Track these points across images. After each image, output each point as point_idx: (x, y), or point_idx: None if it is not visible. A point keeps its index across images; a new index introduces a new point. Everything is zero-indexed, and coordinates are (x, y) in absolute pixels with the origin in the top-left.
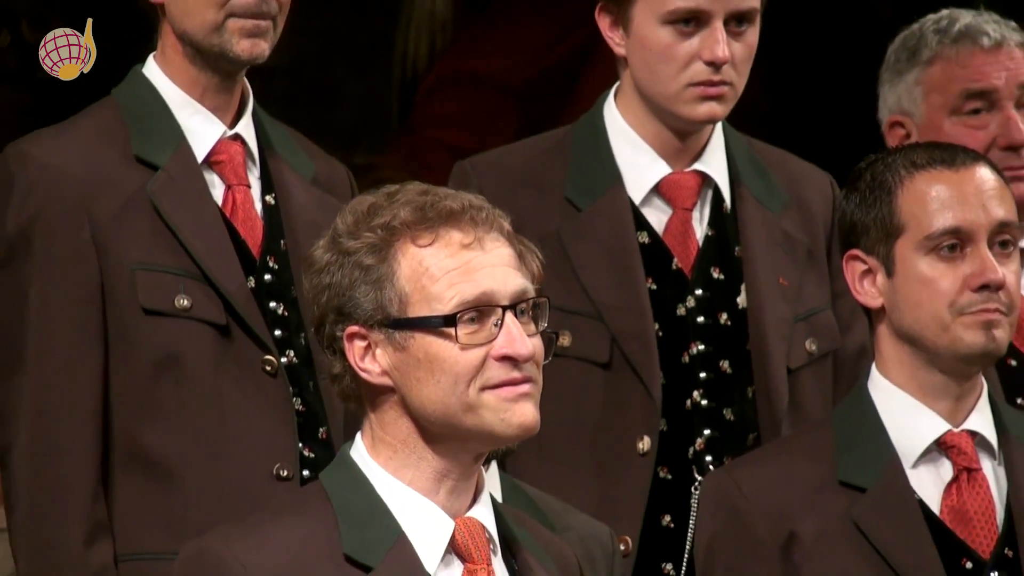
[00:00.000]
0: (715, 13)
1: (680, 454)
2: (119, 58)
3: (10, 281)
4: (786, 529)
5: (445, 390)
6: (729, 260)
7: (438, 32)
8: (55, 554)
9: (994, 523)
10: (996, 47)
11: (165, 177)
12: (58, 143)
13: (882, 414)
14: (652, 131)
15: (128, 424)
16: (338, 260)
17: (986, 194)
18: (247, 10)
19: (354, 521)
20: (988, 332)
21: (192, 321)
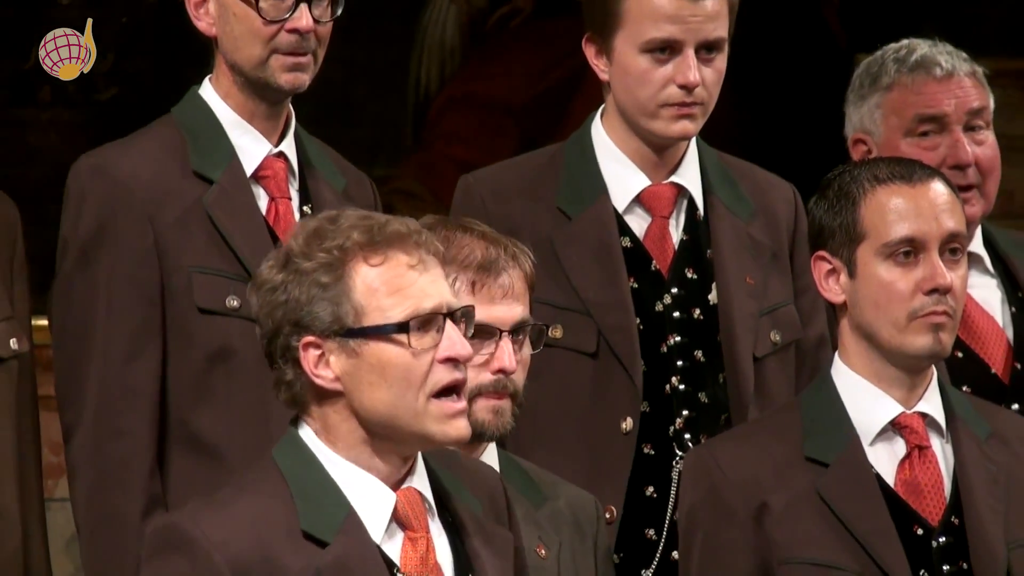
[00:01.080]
0: (687, 42)
1: (662, 432)
2: (163, 80)
3: (82, 281)
4: (758, 500)
5: (396, 394)
6: (702, 262)
7: (447, 59)
8: (116, 525)
9: (942, 494)
10: (947, 77)
11: (219, 190)
12: (125, 157)
13: (843, 398)
14: (633, 147)
15: (182, 410)
16: (295, 278)
17: (939, 207)
18: (290, 47)
19: (308, 499)
20: (935, 336)
21: (241, 319)
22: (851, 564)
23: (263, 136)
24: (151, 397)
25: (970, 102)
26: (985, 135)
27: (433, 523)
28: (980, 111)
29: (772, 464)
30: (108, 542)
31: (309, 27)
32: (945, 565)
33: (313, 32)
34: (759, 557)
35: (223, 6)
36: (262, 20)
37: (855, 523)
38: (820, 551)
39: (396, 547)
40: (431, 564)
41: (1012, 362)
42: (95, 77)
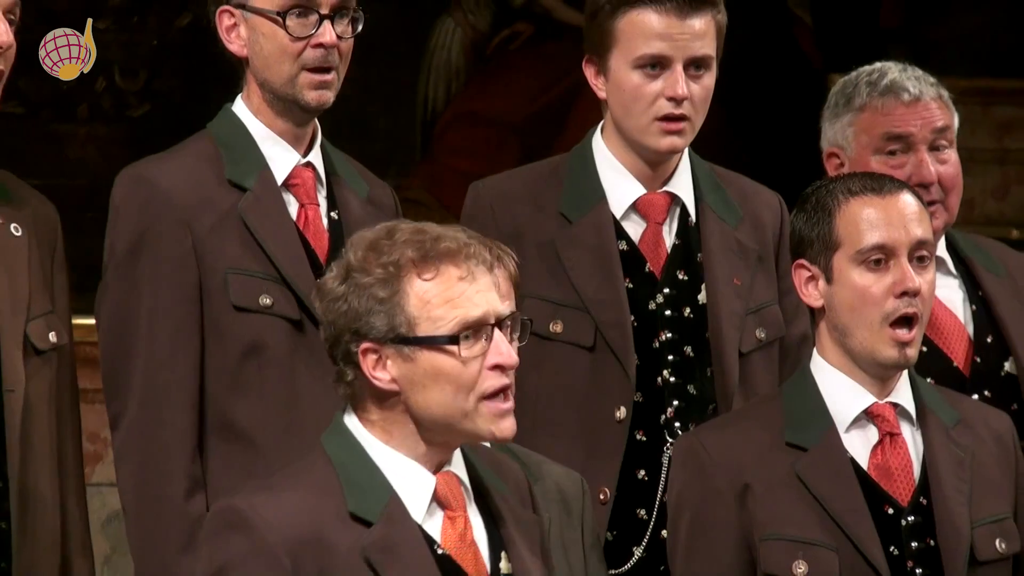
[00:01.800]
0: (675, 59)
1: (654, 421)
2: (191, 98)
3: (126, 282)
4: (742, 481)
5: (448, 396)
6: (692, 264)
7: (453, 79)
8: (160, 505)
9: (911, 477)
10: (914, 101)
11: (252, 198)
12: (165, 168)
13: (821, 389)
14: (629, 159)
15: (219, 400)
16: (354, 291)
17: (907, 217)
18: (316, 62)
19: (354, 483)
20: (902, 351)
21: (272, 316)
22: (827, 540)
23: (292, 147)
24: (191, 389)
25: (935, 124)
26: (948, 154)
27: (470, 506)
28: (944, 131)
29: (755, 449)
30: (152, 521)
31: (333, 42)
32: (913, 542)
33: (336, 48)
34: (742, 534)
35: (253, 28)
36: (289, 38)
37: (831, 503)
38: (798, 528)
39: (436, 526)
40: (468, 541)
41: (972, 356)
42: (128, 95)
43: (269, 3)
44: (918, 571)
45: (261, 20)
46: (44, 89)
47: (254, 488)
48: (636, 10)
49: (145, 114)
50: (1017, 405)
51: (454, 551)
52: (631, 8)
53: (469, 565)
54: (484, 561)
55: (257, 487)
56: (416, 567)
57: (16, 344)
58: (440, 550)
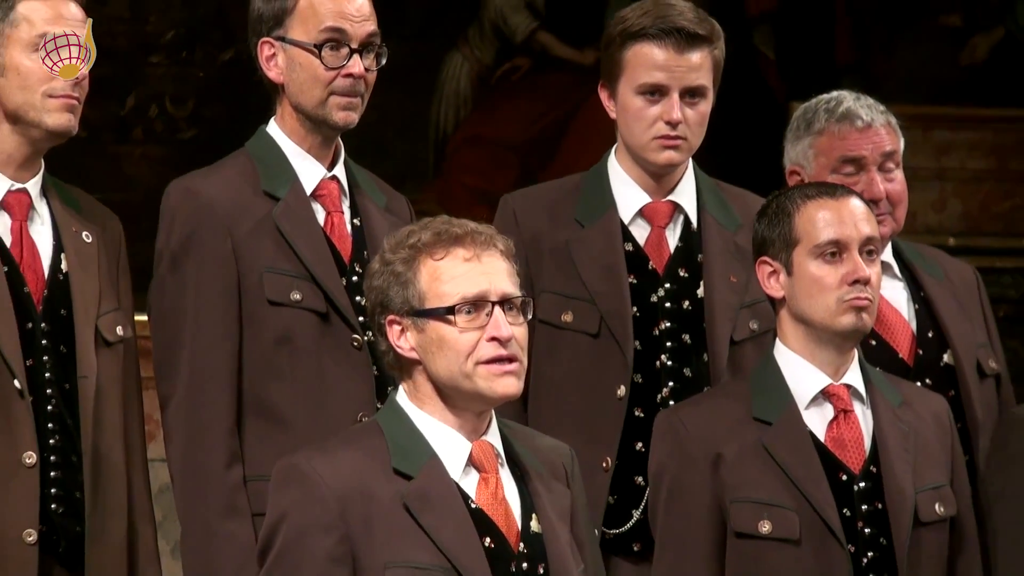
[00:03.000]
0: (672, 87)
1: (651, 399)
2: (233, 123)
3: (175, 280)
4: (714, 451)
5: (451, 361)
6: (693, 263)
7: (461, 107)
8: (203, 475)
9: (863, 448)
10: (866, 127)
11: (284, 206)
12: (208, 181)
13: (784, 372)
14: (637, 173)
15: (255, 383)
16: (382, 270)
17: (857, 216)
18: (345, 90)
19: (399, 444)
20: (859, 315)
21: (302, 310)
22: (789, 502)
23: (319, 163)
24: (230, 373)
25: (884, 147)
26: (895, 173)
27: (503, 470)
28: (892, 154)
29: (726, 422)
30: (196, 489)
31: (361, 73)
32: (864, 505)
33: (363, 78)
34: (715, 496)
35: (291, 58)
36: (324, 67)
37: (792, 470)
38: (764, 492)
39: (472, 484)
40: (500, 499)
41: (915, 349)
42: (178, 120)
43: (306, 37)
44: (868, 531)
45: (299, 51)
46: (105, 115)
47: (313, 448)
48: (641, 44)
49: (192, 137)
50: (954, 392)
51: (487, 507)
52: (637, 42)
53: (500, 520)
54: (515, 519)
55: (315, 448)
56: (450, 516)
57: (88, 337)
58: (474, 504)
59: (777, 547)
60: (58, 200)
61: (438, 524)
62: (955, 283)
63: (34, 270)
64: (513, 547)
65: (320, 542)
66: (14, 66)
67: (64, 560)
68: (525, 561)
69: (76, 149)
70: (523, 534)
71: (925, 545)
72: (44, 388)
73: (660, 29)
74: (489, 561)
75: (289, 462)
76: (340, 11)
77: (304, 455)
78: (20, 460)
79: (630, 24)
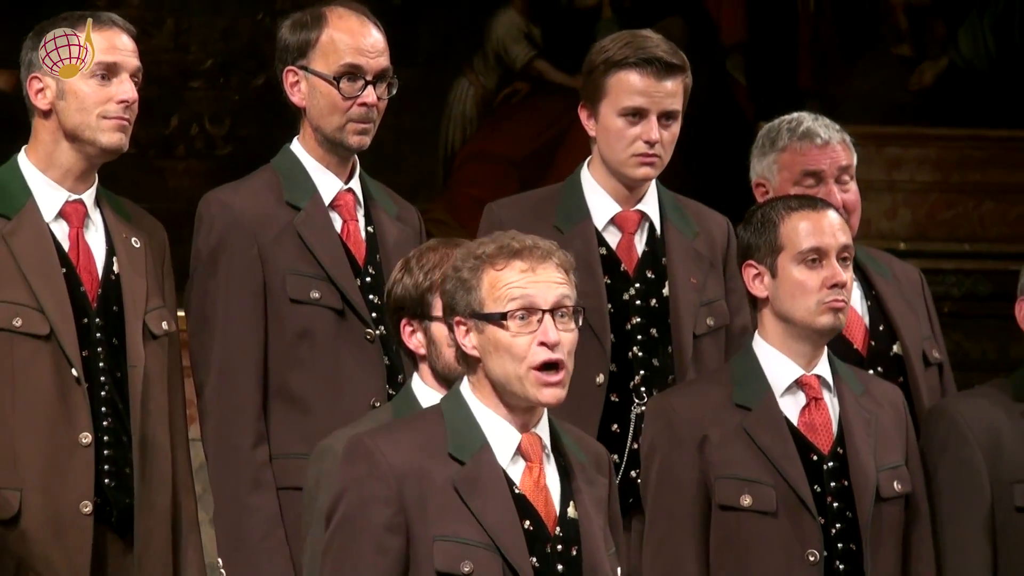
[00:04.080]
0: (651, 111)
1: (624, 386)
2: (265, 141)
3: (208, 281)
4: (701, 433)
5: (505, 363)
6: (658, 266)
7: (467, 126)
8: (233, 454)
9: (831, 432)
10: (825, 144)
11: (305, 215)
12: (238, 193)
13: (762, 363)
14: (610, 185)
15: (279, 373)
16: (452, 276)
17: (835, 227)
18: (359, 117)
19: (455, 431)
20: (836, 315)
21: (321, 307)
22: (767, 479)
23: (337, 177)
24: (257, 363)
25: (840, 162)
26: (850, 185)
27: (548, 462)
28: (847, 168)
29: (711, 408)
30: (227, 466)
31: (374, 102)
32: (832, 482)
33: (376, 106)
34: (701, 474)
35: (312, 86)
36: (340, 96)
37: (769, 450)
38: (745, 470)
39: (518, 472)
40: (542, 487)
41: (868, 340)
42: (216, 139)
43: (326, 68)
44: (836, 505)
45: (319, 81)
46: (151, 134)
47: (378, 429)
48: (623, 71)
49: (229, 153)
50: (902, 379)
51: (529, 493)
52: (620, 69)
53: (540, 506)
54: (554, 505)
55: (380, 429)
56: (495, 500)
57: (137, 330)
58: (517, 491)
59: (756, 518)
60: (110, 209)
61: (484, 506)
62: (902, 282)
63: (89, 272)
64: (550, 530)
65: (379, 513)
66: (72, 90)
67: (116, 528)
68: (560, 544)
69: (126, 164)
70: (560, 519)
71: (885, 518)
72: (98, 376)
73: (641, 58)
74: (527, 542)
75: (358, 439)
76: (357, 47)
77: (371, 434)
78: (77, 440)
79: (612, 53)
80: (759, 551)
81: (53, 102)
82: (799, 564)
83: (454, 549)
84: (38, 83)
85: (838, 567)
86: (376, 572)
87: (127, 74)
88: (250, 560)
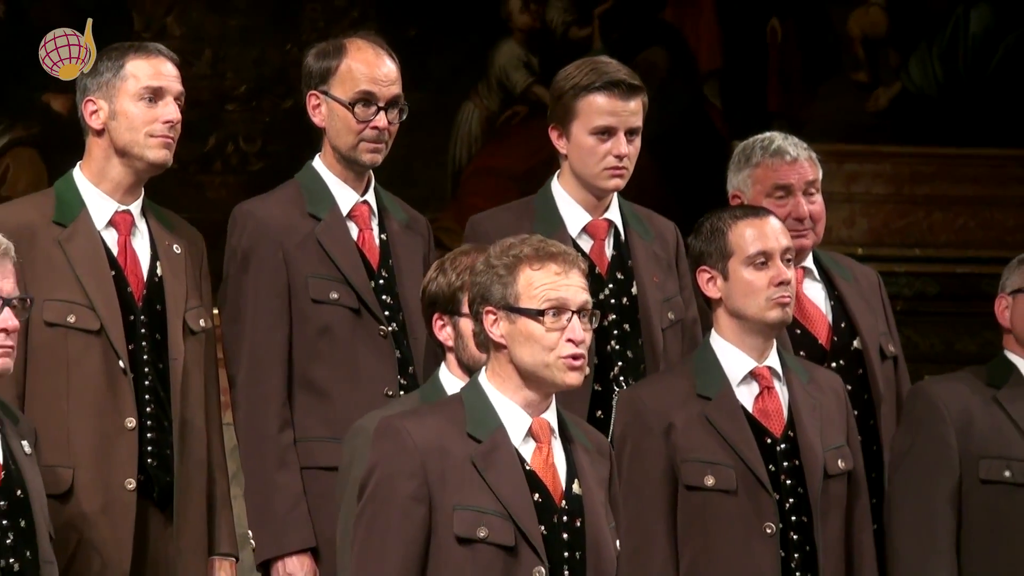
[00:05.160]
0: (619, 129)
1: (606, 376)
2: (293, 157)
3: (239, 284)
4: (667, 421)
5: (535, 351)
6: (625, 268)
7: (472, 144)
8: (261, 437)
9: (783, 417)
10: (794, 161)
11: (324, 225)
12: (265, 204)
13: (719, 357)
14: (581, 196)
15: (302, 365)
16: (486, 270)
17: (777, 232)
18: (372, 139)
19: (474, 414)
20: (783, 310)
21: (338, 307)
22: (727, 461)
23: (353, 190)
24: (282, 357)
25: (807, 177)
26: (816, 197)
27: (556, 443)
28: (813, 182)
29: (676, 398)
30: (256, 448)
31: (385, 126)
32: (785, 462)
33: (387, 129)
34: (668, 458)
35: (331, 110)
36: (355, 120)
37: (729, 435)
38: (707, 453)
39: (529, 451)
40: (550, 464)
41: (831, 336)
42: (249, 156)
43: (343, 94)
44: (788, 482)
45: (337, 105)
46: (191, 152)
47: (405, 412)
48: (592, 95)
49: (260, 168)
50: (862, 370)
51: (539, 470)
52: (588, 93)
53: (549, 481)
54: (561, 481)
55: (408, 412)
56: (508, 474)
57: (177, 327)
58: (528, 467)
59: (719, 496)
60: (154, 219)
61: (498, 480)
62: (861, 284)
63: (135, 274)
64: (557, 502)
65: (405, 485)
66: (123, 112)
67: (157, 503)
68: (566, 515)
69: (169, 178)
70: (566, 494)
71: (832, 492)
72: (142, 367)
73: (606, 82)
74: (537, 512)
75: (387, 421)
76: (372, 76)
77: (399, 417)
78: (123, 424)
79: (579, 79)
80: (722, 525)
81: (106, 122)
82: (757, 536)
83: (472, 517)
84: (92, 105)
85: (792, 537)
86: (403, 536)
87: (171, 97)
88: (276, 531)
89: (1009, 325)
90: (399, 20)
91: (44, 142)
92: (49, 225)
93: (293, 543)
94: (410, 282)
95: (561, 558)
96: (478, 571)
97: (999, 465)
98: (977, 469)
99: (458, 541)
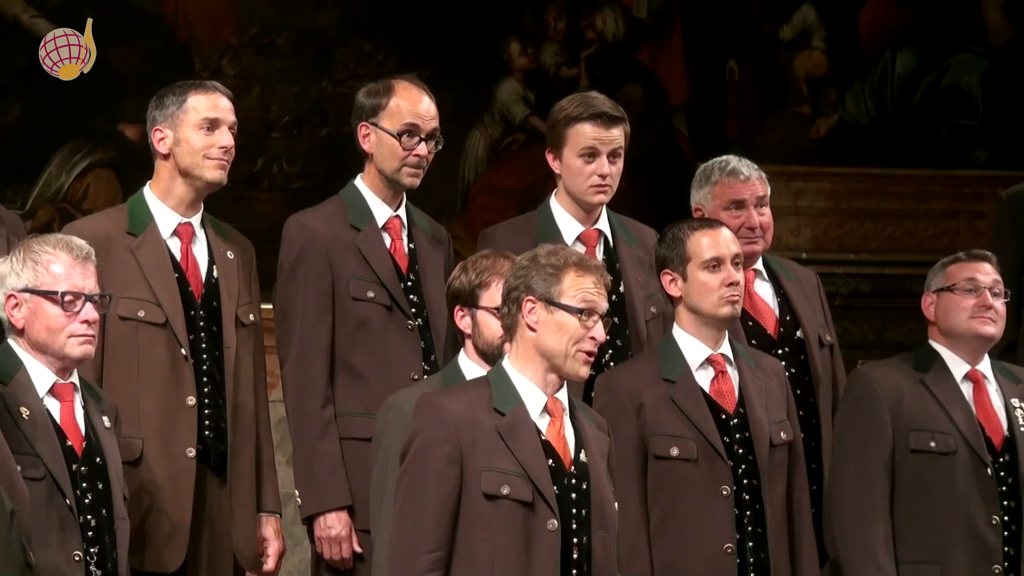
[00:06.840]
0: (603, 151)
1: (599, 362)
2: (330, 178)
3: (290, 284)
4: (638, 401)
5: (562, 341)
6: (614, 270)
7: (479, 166)
8: (307, 412)
9: (734, 397)
10: (747, 180)
11: (364, 235)
12: (314, 216)
13: (680, 345)
14: (574, 210)
15: (343, 352)
16: (532, 265)
17: (728, 240)
18: (413, 164)
19: (499, 393)
20: (733, 307)
21: (374, 304)
22: (689, 434)
23: (389, 206)
24: (326, 345)
25: (758, 193)
26: (765, 210)
27: (566, 418)
28: (763, 197)
29: (645, 381)
30: (302, 421)
31: (425, 155)
32: (737, 434)
33: (426, 157)
34: (640, 434)
35: (380, 138)
36: (401, 149)
37: (690, 413)
38: (672, 428)
39: (544, 424)
40: (561, 436)
41: (778, 327)
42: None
43: (391, 126)
44: (740, 451)
45: (385, 135)
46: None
47: (442, 390)
48: (579, 123)
49: (300, 187)
50: (803, 357)
51: (552, 440)
52: (577, 122)
53: (560, 450)
54: (570, 451)
55: (444, 390)
56: (528, 443)
57: (231, 320)
58: (543, 438)
59: (682, 465)
60: (211, 230)
61: (519, 447)
62: (803, 283)
63: (195, 276)
64: (567, 468)
65: (441, 449)
66: (186, 139)
67: (214, 468)
68: (574, 479)
69: (224, 195)
70: (575, 461)
71: (776, 460)
72: (201, 354)
73: (592, 113)
74: (551, 474)
75: (427, 397)
76: (416, 112)
77: (436, 393)
78: (184, 402)
79: (570, 111)
80: (685, 489)
81: (171, 148)
82: (715, 498)
83: (497, 477)
84: (160, 134)
85: (744, 498)
86: (438, 493)
87: (226, 126)
88: (318, 491)
89: (933, 319)
90: (416, 62)
91: (119, 164)
92: (123, 235)
93: (332, 501)
94: (433, 284)
95: (570, 514)
96: (502, 522)
97: (925, 437)
98: (907, 440)
99: (485, 497)
